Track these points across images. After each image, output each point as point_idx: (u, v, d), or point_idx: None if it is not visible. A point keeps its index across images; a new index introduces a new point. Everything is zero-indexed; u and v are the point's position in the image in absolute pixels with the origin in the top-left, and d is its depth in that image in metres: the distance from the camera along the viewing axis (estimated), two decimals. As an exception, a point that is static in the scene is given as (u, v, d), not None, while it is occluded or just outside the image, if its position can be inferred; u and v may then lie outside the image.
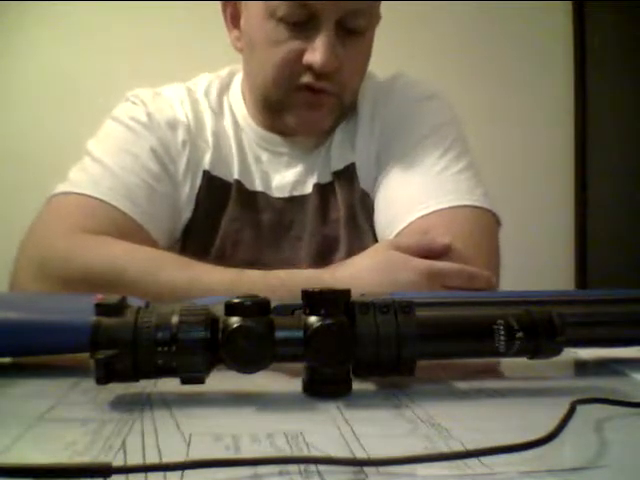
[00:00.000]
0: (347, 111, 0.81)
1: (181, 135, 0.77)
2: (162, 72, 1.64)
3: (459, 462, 0.28)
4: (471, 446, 0.29)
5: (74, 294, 0.55)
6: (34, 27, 1.75)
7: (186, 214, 0.77)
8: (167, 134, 0.77)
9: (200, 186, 0.77)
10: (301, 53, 0.72)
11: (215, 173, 0.78)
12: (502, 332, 0.39)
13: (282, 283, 0.59)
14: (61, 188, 0.71)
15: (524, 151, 1.86)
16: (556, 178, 1.89)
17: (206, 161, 0.78)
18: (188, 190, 0.76)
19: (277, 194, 0.80)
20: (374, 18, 0.77)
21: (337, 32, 0.72)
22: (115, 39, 1.73)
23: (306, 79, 0.73)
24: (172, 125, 0.77)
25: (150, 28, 1.74)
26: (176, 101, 0.80)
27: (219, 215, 0.77)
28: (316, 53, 0.71)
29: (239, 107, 0.83)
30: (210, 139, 0.79)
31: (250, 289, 0.56)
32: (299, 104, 0.75)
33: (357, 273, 0.61)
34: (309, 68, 0.72)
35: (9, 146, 1.73)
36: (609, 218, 1.80)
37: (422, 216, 0.69)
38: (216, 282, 0.60)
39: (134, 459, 0.28)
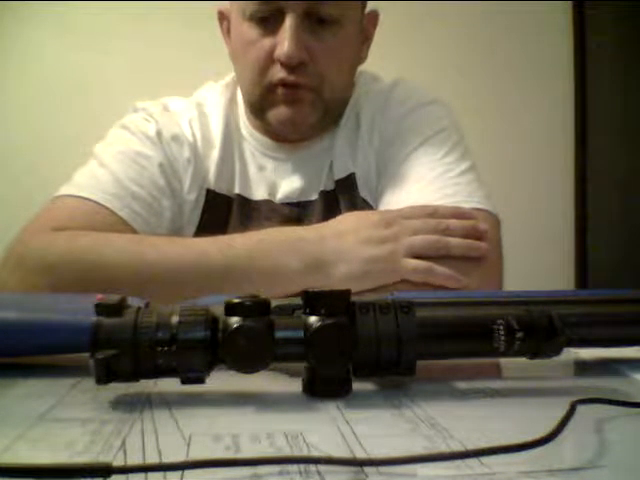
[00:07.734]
0: (337, 108, 0.80)
1: (186, 152, 0.77)
2: (162, 72, 1.64)
3: (459, 462, 0.28)
4: (471, 446, 0.29)
5: (74, 294, 0.55)
6: (34, 27, 1.75)
7: (189, 231, 0.77)
8: (174, 150, 0.77)
9: (204, 205, 0.77)
10: (272, 50, 0.72)
11: (218, 190, 0.78)
12: (502, 332, 0.39)
13: (258, 239, 0.62)
14: (64, 190, 0.71)
15: (524, 151, 1.86)
16: (556, 177, 1.89)
17: (210, 179, 0.78)
18: (192, 207, 0.77)
19: (284, 201, 0.80)
20: (350, 7, 0.76)
21: (307, 23, 0.72)
22: (115, 39, 1.73)
23: (279, 75, 0.73)
24: (179, 141, 0.78)
25: (150, 28, 1.74)
26: (184, 119, 0.80)
27: (222, 232, 0.77)
28: (281, 45, 0.71)
29: (242, 117, 0.84)
30: (217, 156, 0.79)
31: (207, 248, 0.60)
32: (277, 102, 0.75)
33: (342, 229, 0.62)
34: (280, 63, 0.72)
35: (9, 147, 1.72)
36: (609, 218, 1.80)
37: None
38: (170, 251, 0.61)
39: (134, 459, 0.28)
